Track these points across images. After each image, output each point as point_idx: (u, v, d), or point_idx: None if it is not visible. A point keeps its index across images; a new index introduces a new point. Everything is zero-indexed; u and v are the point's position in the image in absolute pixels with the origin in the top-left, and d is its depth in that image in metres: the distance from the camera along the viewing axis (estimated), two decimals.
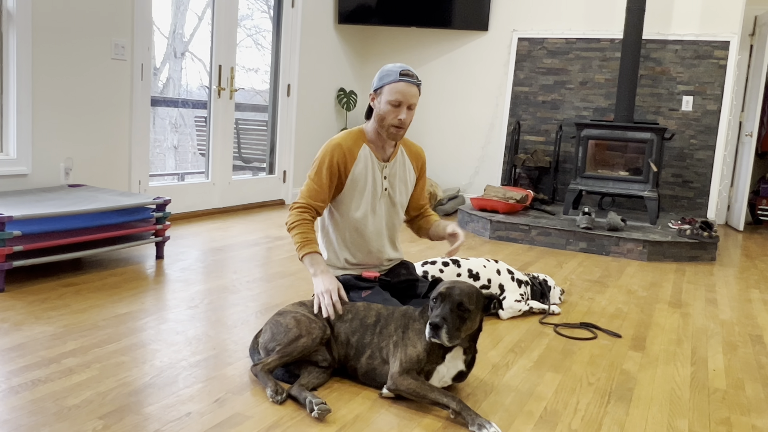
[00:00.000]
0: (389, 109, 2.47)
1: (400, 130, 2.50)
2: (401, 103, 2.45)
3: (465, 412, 1.87)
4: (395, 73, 2.46)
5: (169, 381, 2.07)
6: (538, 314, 3.10)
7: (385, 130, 2.51)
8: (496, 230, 5.07)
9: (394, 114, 2.47)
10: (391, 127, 2.49)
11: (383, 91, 2.48)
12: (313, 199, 2.52)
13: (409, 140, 2.76)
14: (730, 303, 3.57)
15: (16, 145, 3.79)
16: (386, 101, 2.46)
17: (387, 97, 2.46)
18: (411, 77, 2.46)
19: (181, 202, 5.08)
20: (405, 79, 2.45)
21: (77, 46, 4.08)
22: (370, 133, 2.60)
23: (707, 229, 4.73)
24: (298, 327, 2.08)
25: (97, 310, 2.73)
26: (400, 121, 2.47)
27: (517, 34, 6.65)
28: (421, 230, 2.81)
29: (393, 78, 2.45)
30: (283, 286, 3.30)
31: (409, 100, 2.46)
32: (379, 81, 2.50)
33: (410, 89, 2.45)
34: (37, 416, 1.78)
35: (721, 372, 2.50)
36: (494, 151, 6.88)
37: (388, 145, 2.62)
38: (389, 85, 2.46)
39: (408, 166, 2.71)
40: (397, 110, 2.46)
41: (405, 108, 2.46)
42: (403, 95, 2.44)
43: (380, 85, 2.49)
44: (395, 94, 2.44)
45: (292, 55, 6.11)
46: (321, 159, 2.53)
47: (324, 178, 2.52)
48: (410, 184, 2.73)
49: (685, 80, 6.14)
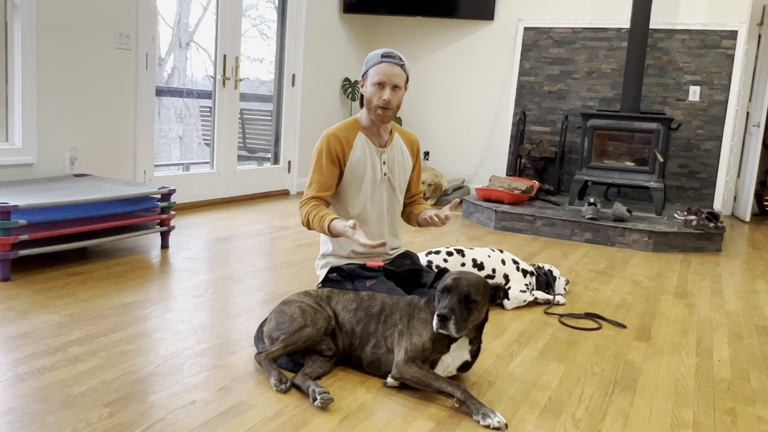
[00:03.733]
0: (374, 90, 2.54)
1: (386, 111, 2.56)
2: (384, 84, 2.52)
3: (469, 401, 1.87)
4: (377, 56, 2.54)
5: (174, 369, 2.07)
6: (543, 304, 3.09)
7: (373, 113, 2.58)
8: (501, 221, 5.06)
9: (378, 95, 2.53)
10: (378, 108, 2.55)
11: (368, 75, 2.57)
12: (319, 191, 2.56)
13: (402, 128, 2.82)
14: (736, 294, 3.56)
15: (21, 134, 3.80)
16: (371, 83, 2.55)
17: (371, 79, 2.55)
18: (393, 58, 2.54)
19: (186, 192, 5.09)
20: (387, 60, 2.53)
21: (82, 36, 4.08)
22: (365, 120, 2.65)
23: (713, 220, 4.71)
24: (303, 317, 2.09)
25: (103, 299, 2.73)
26: (385, 102, 2.52)
27: (523, 24, 6.61)
28: (411, 216, 2.85)
29: (375, 60, 2.54)
30: (288, 276, 3.30)
31: (392, 80, 2.52)
32: (364, 66, 2.59)
33: (392, 69, 2.52)
34: (42, 404, 1.79)
35: (726, 363, 2.49)
36: (499, 141, 6.86)
37: (383, 131, 2.67)
38: (373, 67, 2.55)
39: (404, 152, 2.76)
40: (382, 91, 2.53)
41: (389, 88, 2.52)
42: (386, 75, 2.51)
43: (365, 69, 2.58)
44: (378, 75, 2.52)
45: (297, 44, 6.09)
46: (319, 151, 2.58)
47: (325, 167, 2.56)
48: (408, 169, 2.77)
49: (692, 70, 6.09)
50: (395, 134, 2.74)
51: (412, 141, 2.81)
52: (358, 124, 2.65)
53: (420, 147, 2.86)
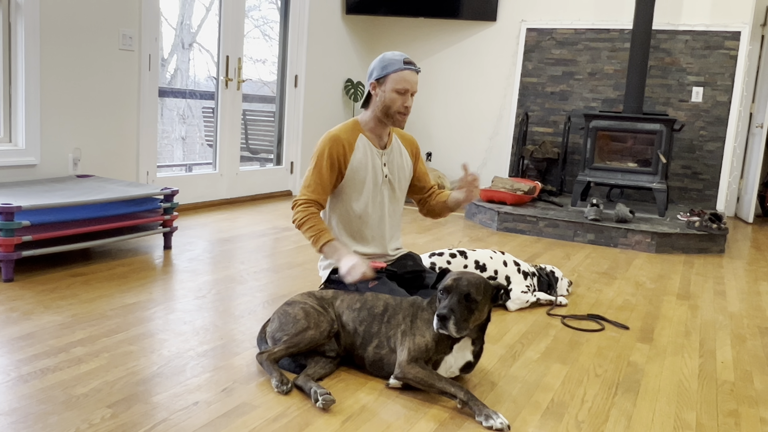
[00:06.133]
0: (395, 96, 2.54)
1: (405, 116, 2.59)
2: (407, 91, 2.55)
3: (472, 403, 1.87)
4: (399, 62, 2.53)
5: (176, 370, 2.08)
6: (546, 306, 3.09)
7: (392, 118, 2.58)
8: (504, 222, 5.06)
9: (401, 101, 2.55)
10: (398, 114, 2.57)
11: (387, 80, 2.55)
12: (314, 193, 2.55)
13: (399, 129, 2.82)
14: (739, 295, 3.55)
15: (24, 135, 3.80)
16: (392, 89, 2.54)
17: (393, 85, 2.53)
18: (413, 65, 2.57)
19: (188, 193, 5.09)
20: (409, 67, 2.55)
21: (85, 37, 4.09)
22: (367, 122, 2.65)
23: (716, 221, 4.70)
24: (307, 319, 2.09)
25: (106, 299, 2.74)
26: (406, 108, 2.56)
27: (526, 25, 6.61)
28: (435, 208, 2.83)
29: (397, 66, 2.53)
30: (291, 277, 3.30)
31: (413, 87, 2.57)
32: (381, 70, 2.56)
33: (413, 77, 2.56)
34: (46, 404, 1.79)
35: (729, 364, 2.49)
36: (502, 142, 6.85)
37: (384, 134, 2.68)
38: (394, 73, 2.53)
39: (404, 153, 2.76)
40: (404, 97, 2.55)
41: (410, 95, 2.56)
42: (409, 83, 2.54)
43: (383, 74, 2.55)
44: (401, 83, 2.53)
45: (300, 45, 6.09)
46: (320, 152, 2.57)
47: (324, 170, 2.55)
48: (408, 171, 2.77)
49: (696, 71, 6.09)
50: (393, 136, 2.75)
51: (411, 142, 2.82)
52: (359, 126, 2.65)
53: (419, 147, 2.86)
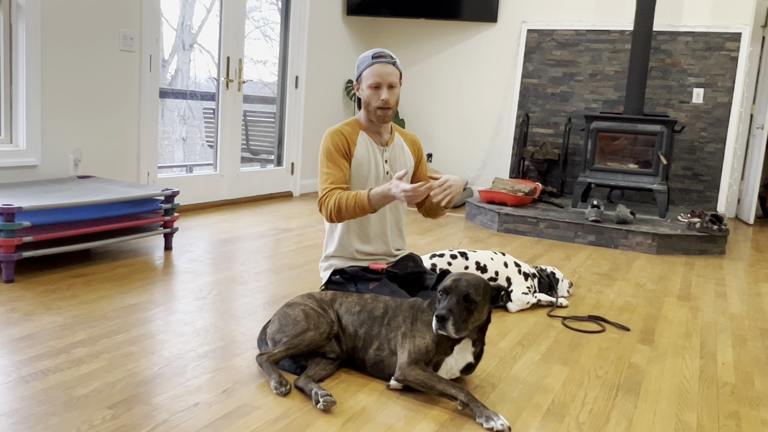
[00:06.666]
0: (371, 92, 2.56)
1: (386, 111, 2.57)
2: (380, 84, 2.54)
3: (473, 404, 1.87)
4: (368, 58, 2.56)
5: (177, 371, 2.08)
6: (546, 307, 3.09)
7: (373, 114, 2.59)
8: (504, 223, 5.06)
9: (376, 96, 2.55)
10: (377, 109, 2.57)
11: (362, 78, 2.58)
12: (334, 182, 2.53)
13: (404, 130, 2.82)
14: (740, 296, 3.55)
15: (25, 136, 3.81)
16: (366, 86, 2.56)
17: (366, 82, 2.56)
18: (384, 57, 2.55)
19: (189, 194, 5.10)
20: (378, 60, 2.54)
21: (86, 38, 4.09)
22: (364, 121, 2.67)
23: (717, 223, 4.70)
24: (307, 320, 2.09)
25: (106, 300, 2.74)
26: (383, 102, 2.55)
27: (527, 26, 6.61)
28: (434, 206, 2.80)
29: (367, 63, 2.56)
30: (291, 278, 3.30)
31: (386, 79, 2.53)
32: (357, 70, 2.61)
33: (385, 68, 2.53)
34: (46, 405, 1.79)
35: (730, 366, 2.48)
36: (503, 143, 6.85)
37: (384, 131, 2.68)
38: (365, 70, 2.56)
39: (406, 151, 2.77)
40: (378, 91, 2.55)
41: (385, 88, 2.54)
42: (380, 76, 2.53)
43: (358, 73, 2.60)
44: (372, 77, 2.54)
45: (301, 46, 6.10)
46: (326, 147, 2.59)
47: (337, 159, 2.56)
48: (410, 168, 2.77)
49: (696, 72, 6.09)
50: (396, 134, 2.75)
51: (414, 141, 2.82)
52: (359, 123, 2.67)
53: (423, 149, 2.86)
